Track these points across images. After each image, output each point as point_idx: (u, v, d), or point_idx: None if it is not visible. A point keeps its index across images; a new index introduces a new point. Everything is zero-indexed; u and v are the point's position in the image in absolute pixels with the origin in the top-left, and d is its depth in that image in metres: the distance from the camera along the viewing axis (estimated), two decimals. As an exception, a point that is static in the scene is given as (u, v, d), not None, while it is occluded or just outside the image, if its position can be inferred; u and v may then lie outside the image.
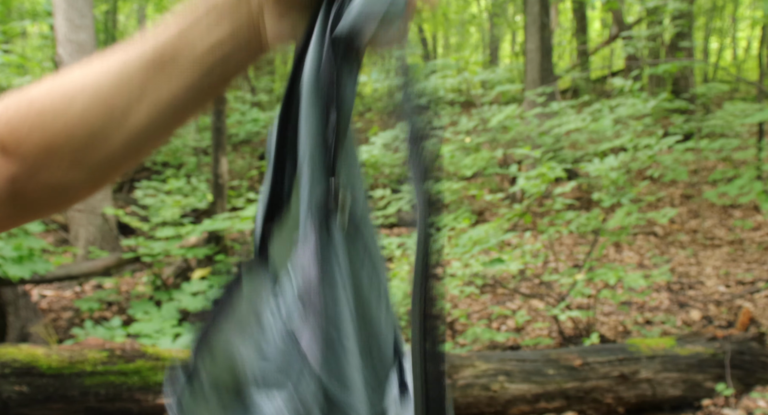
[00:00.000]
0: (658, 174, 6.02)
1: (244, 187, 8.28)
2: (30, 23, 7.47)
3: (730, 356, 3.09)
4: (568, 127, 5.59)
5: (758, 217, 6.67)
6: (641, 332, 3.99)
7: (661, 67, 6.11)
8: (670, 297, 4.73)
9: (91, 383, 2.51)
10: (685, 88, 9.53)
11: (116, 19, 12.16)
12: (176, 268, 4.95)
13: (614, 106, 5.49)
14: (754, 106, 7.48)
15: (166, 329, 3.76)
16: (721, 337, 3.21)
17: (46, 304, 5.00)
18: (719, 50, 16.74)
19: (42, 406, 2.47)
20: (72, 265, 4.83)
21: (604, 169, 4.06)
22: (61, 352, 2.59)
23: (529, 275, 5.29)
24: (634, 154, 4.29)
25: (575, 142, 7.88)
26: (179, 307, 4.09)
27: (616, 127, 5.31)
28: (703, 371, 3.07)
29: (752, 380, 3.12)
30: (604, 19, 16.81)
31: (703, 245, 6.05)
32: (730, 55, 17.59)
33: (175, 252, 4.55)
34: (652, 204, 7.09)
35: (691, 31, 9.59)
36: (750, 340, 3.21)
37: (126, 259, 4.80)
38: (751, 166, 6.62)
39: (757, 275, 5.09)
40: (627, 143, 4.43)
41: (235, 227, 4.46)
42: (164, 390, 0.55)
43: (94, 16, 5.96)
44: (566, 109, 6.31)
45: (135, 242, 4.73)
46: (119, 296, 4.95)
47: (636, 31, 7.93)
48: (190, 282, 4.33)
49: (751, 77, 14.21)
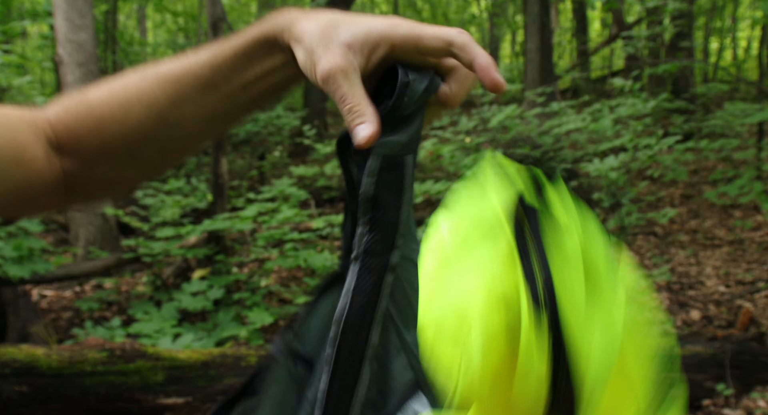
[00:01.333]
0: (658, 174, 6.02)
1: (244, 187, 8.27)
2: (30, 23, 7.47)
3: (730, 356, 3.09)
4: (568, 127, 5.59)
5: (758, 217, 6.67)
6: (641, 332, 3.98)
7: (661, 67, 6.11)
8: (670, 297, 4.73)
9: (91, 383, 2.51)
10: (685, 88, 9.53)
11: (116, 19, 12.15)
12: (176, 268, 4.95)
13: (614, 106, 5.50)
14: (754, 106, 7.47)
15: (166, 329, 3.76)
16: (721, 337, 3.21)
17: (46, 304, 5.00)
18: (719, 50, 16.74)
19: (42, 406, 2.47)
20: (72, 265, 4.83)
21: (604, 169, 4.06)
22: (61, 352, 2.59)
23: (529, 275, 5.28)
24: (634, 154, 4.29)
25: (575, 142, 7.88)
26: (179, 307, 4.09)
27: (616, 127, 5.31)
28: (703, 371, 3.07)
29: (752, 380, 3.12)
30: (604, 19, 16.81)
31: (703, 245, 6.06)
32: (730, 55, 17.58)
33: (175, 252, 4.55)
34: (652, 204, 7.09)
35: (691, 31, 9.59)
36: (750, 340, 3.21)
37: (126, 259, 4.80)
38: (751, 166, 6.62)
39: (757, 275, 5.09)
40: (627, 143, 4.43)
41: (235, 227, 4.46)
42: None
43: (94, 16, 5.96)
44: (566, 109, 6.31)
45: (135, 242, 4.73)
46: (119, 296, 4.95)
47: (636, 31, 7.93)
48: (190, 282, 4.33)
49: (751, 77, 14.21)
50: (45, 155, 0.59)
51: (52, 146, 0.60)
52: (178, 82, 0.58)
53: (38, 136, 0.59)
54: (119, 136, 0.59)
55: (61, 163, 0.60)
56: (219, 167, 4.88)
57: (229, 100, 0.58)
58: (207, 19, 5.04)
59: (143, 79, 0.60)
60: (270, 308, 4.27)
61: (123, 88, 0.60)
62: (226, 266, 4.64)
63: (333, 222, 5.03)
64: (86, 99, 0.60)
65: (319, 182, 7.62)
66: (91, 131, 0.59)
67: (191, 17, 14.01)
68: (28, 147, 0.57)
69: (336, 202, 8.20)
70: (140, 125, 0.59)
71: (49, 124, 0.60)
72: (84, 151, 0.60)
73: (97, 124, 0.59)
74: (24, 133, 0.57)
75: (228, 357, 2.70)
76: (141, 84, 0.59)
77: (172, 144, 0.61)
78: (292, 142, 10.41)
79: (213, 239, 4.73)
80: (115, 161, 0.61)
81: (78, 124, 0.59)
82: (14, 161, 0.55)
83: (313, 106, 11.07)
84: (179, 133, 0.60)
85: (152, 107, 0.58)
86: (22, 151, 0.56)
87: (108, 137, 0.59)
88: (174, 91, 0.58)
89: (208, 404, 2.58)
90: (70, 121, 0.60)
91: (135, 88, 0.59)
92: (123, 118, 0.59)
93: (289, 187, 5.25)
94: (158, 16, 15.07)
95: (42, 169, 0.58)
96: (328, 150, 6.43)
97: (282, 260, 4.59)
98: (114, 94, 0.60)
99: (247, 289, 4.59)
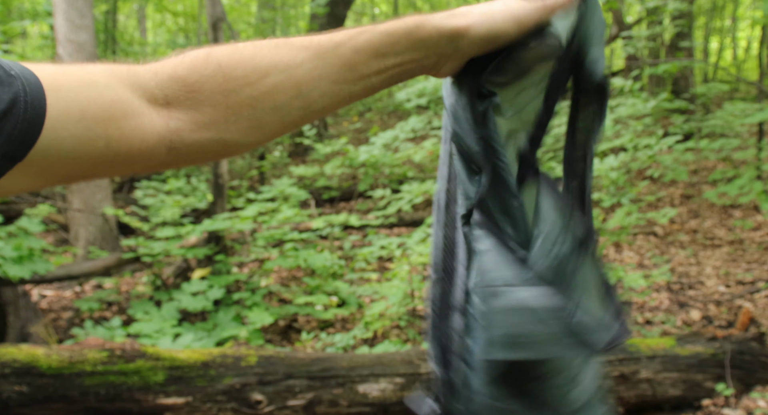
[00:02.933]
0: (658, 174, 6.02)
1: (244, 187, 8.27)
2: (30, 23, 7.47)
3: (730, 356, 3.09)
4: (568, 127, 5.58)
5: (758, 217, 6.67)
6: (641, 332, 3.99)
7: (661, 67, 6.11)
8: (670, 297, 4.73)
9: (91, 383, 2.51)
10: (685, 88, 9.53)
11: (116, 19, 12.16)
12: (176, 268, 4.95)
13: (614, 106, 5.50)
14: (754, 106, 7.47)
15: (166, 329, 3.76)
16: (721, 337, 3.20)
17: (46, 304, 5.00)
18: (719, 50, 16.74)
19: (42, 406, 2.47)
20: (72, 265, 4.83)
21: (604, 169, 4.06)
22: (61, 352, 2.59)
23: (529, 275, 5.28)
24: (634, 154, 4.29)
25: (575, 142, 7.86)
26: (179, 307, 4.09)
27: (616, 127, 5.31)
28: (703, 371, 3.07)
29: (752, 380, 3.12)
30: (604, 19, 16.78)
31: (703, 245, 6.05)
32: (730, 55, 17.58)
33: (175, 252, 4.55)
34: (652, 204, 7.09)
35: (691, 31, 9.60)
36: (750, 340, 3.21)
37: (126, 259, 4.80)
38: (751, 166, 6.61)
39: (757, 275, 5.09)
40: (627, 143, 4.43)
41: (235, 227, 4.46)
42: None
43: (94, 16, 5.96)
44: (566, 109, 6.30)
45: (135, 242, 4.73)
46: (119, 296, 4.95)
47: (636, 31, 7.93)
48: (190, 282, 4.33)
49: (751, 77, 14.21)
50: (145, 112, 0.56)
51: (156, 103, 0.57)
52: (321, 57, 0.59)
53: (135, 92, 0.56)
54: (248, 100, 0.58)
55: (167, 121, 0.57)
56: (219, 167, 4.88)
57: (362, 82, 0.61)
58: (207, 19, 5.04)
59: (280, 47, 0.59)
60: (270, 308, 4.27)
61: (257, 54, 0.59)
62: (226, 266, 4.64)
63: (333, 222, 5.02)
64: (215, 58, 0.58)
65: (319, 182, 7.62)
66: (216, 91, 0.57)
67: (191, 17, 14.02)
68: (118, 103, 0.54)
69: (336, 202, 8.21)
70: (273, 92, 0.58)
71: (156, 80, 0.57)
72: (203, 111, 0.58)
73: (225, 85, 0.57)
74: (115, 90, 0.55)
75: (228, 357, 2.70)
76: (279, 52, 0.59)
77: (294, 116, 0.60)
78: (292, 142, 10.41)
79: (213, 239, 4.73)
80: (234, 125, 0.59)
81: (202, 82, 0.57)
82: (103, 119, 0.53)
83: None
84: (305, 106, 0.60)
85: (291, 76, 0.59)
86: (112, 108, 0.54)
87: (235, 100, 0.58)
88: (314, 66, 0.59)
89: (208, 404, 2.58)
90: (192, 78, 0.57)
91: (272, 55, 0.59)
92: (257, 81, 0.58)
93: (289, 187, 5.26)
94: (158, 16, 15.07)
95: (141, 126, 0.56)
96: (328, 150, 6.43)
97: (282, 260, 4.59)
98: (247, 57, 0.58)
99: (247, 289, 4.59)
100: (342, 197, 8.21)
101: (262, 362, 2.70)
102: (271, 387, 2.64)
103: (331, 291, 4.56)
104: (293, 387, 2.66)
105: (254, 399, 2.60)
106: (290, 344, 4.16)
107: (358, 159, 5.57)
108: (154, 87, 0.57)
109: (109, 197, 5.97)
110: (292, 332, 4.39)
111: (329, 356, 2.85)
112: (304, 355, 2.84)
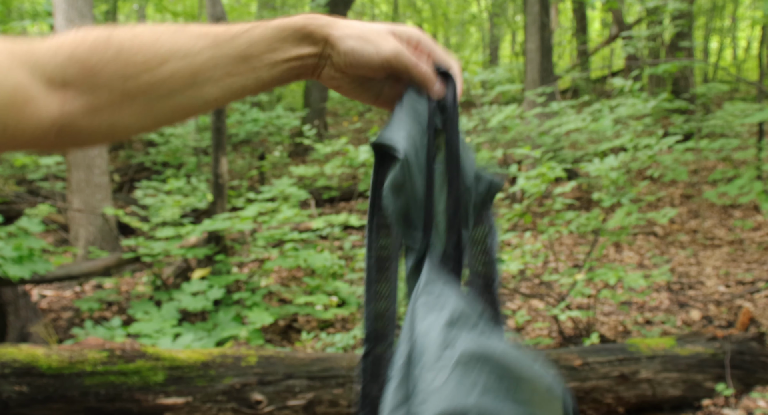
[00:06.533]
0: (658, 174, 6.02)
1: (244, 187, 8.27)
2: (30, 23, 7.48)
3: (730, 356, 3.09)
4: (568, 127, 5.59)
5: (758, 217, 6.67)
6: (641, 332, 3.99)
7: (661, 67, 6.11)
8: (670, 297, 4.73)
9: (91, 383, 2.51)
10: (685, 88, 9.53)
11: (116, 19, 12.15)
12: (176, 268, 4.94)
13: (614, 106, 5.50)
14: (754, 106, 7.47)
15: (166, 329, 3.75)
16: (721, 337, 3.20)
17: (46, 304, 5.00)
18: (719, 50, 16.74)
19: (42, 406, 2.47)
20: (72, 265, 4.83)
21: (604, 169, 4.06)
22: (61, 352, 2.59)
23: (529, 275, 5.29)
24: (634, 154, 4.29)
25: (575, 142, 7.88)
26: (179, 307, 4.09)
27: (616, 127, 5.31)
28: (703, 371, 3.07)
29: (752, 380, 3.12)
30: (604, 19, 16.80)
31: (703, 245, 6.05)
32: (730, 55, 17.59)
33: (175, 252, 4.54)
34: (652, 204, 7.09)
35: (691, 31, 9.60)
36: (750, 340, 3.21)
37: (126, 259, 4.80)
38: (751, 166, 6.62)
39: (757, 275, 5.09)
40: (627, 143, 4.43)
41: (235, 227, 4.46)
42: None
43: (94, 16, 5.96)
44: (566, 109, 6.31)
45: (135, 242, 4.72)
46: (119, 296, 4.95)
47: (636, 31, 7.93)
48: (190, 282, 4.33)
49: (751, 77, 14.21)
50: (42, 96, 0.54)
51: (54, 85, 0.55)
52: (218, 47, 0.60)
53: (34, 75, 0.54)
54: (145, 86, 0.58)
55: (62, 104, 0.55)
56: (219, 167, 4.88)
57: (253, 75, 0.63)
58: (207, 19, 5.04)
59: (179, 34, 0.60)
60: (270, 308, 4.27)
61: (158, 39, 0.59)
62: (226, 266, 4.64)
63: (333, 222, 5.02)
64: (116, 40, 0.57)
65: (319, 182, 7.62)
66: (115, 76, 0.56)
67: (191, 17, 14.02)
68: (19, 90, 0.52)
69: (336, 202, 8.21)
70: (171, 78, 0.59)
71: (55, 61, 0.55)
72: (99, 95, 0.56)
73: (125, 70, 0.57)
74: (15, 75, 0.52)
75: (228, 357, 2.70)
76: (179, 38, 0.59)
77: (185, 105, 0.61)
78: (292, 142, 10.41)
79: (213, 239, 4.73)
80: (127, 110, 0.58)
81: (101, 66, 0.56)
82: (2, 106, 0.51)
83: (313, 106, 11.07)
84: (197, 96, 0.61)
85: (189, 64, 0.59)
86: (13, 96, 0.52)
87: (133, 85, 0.57)
88: (211, 55, 0.60)
89: (208, 404, 2.58)
90: (92, 61, 0.56)
91: (172, 41, 0.59)
92: (157, 67, 0.58)
93: (289, 187, 5.25)
94: (158, 16, 15.07)
95: (37, 111, 0.53)
96: (328, 150, 6.42)
97: (282, 260, 4.59)
98: (148, 43, 0.58)
99: (247, 289, 4.59)
100: (342, 197, 8.21)
101: (262, 362, 2.70)
102: (271, 387, 2.64)
103: (331, 291, 4.56)
104: (293, 387, 2.66)
105: (254, 399, 2.60)
106: (290, 344, 4.16)
107: (358, 159, 5.57)
108: (53, 68, 0.55)
109: (109, 197, 5.97)
110: (292, 332, 4.39)
111: (329, 356, 2.85)
112: (304, 355, 2.83)
